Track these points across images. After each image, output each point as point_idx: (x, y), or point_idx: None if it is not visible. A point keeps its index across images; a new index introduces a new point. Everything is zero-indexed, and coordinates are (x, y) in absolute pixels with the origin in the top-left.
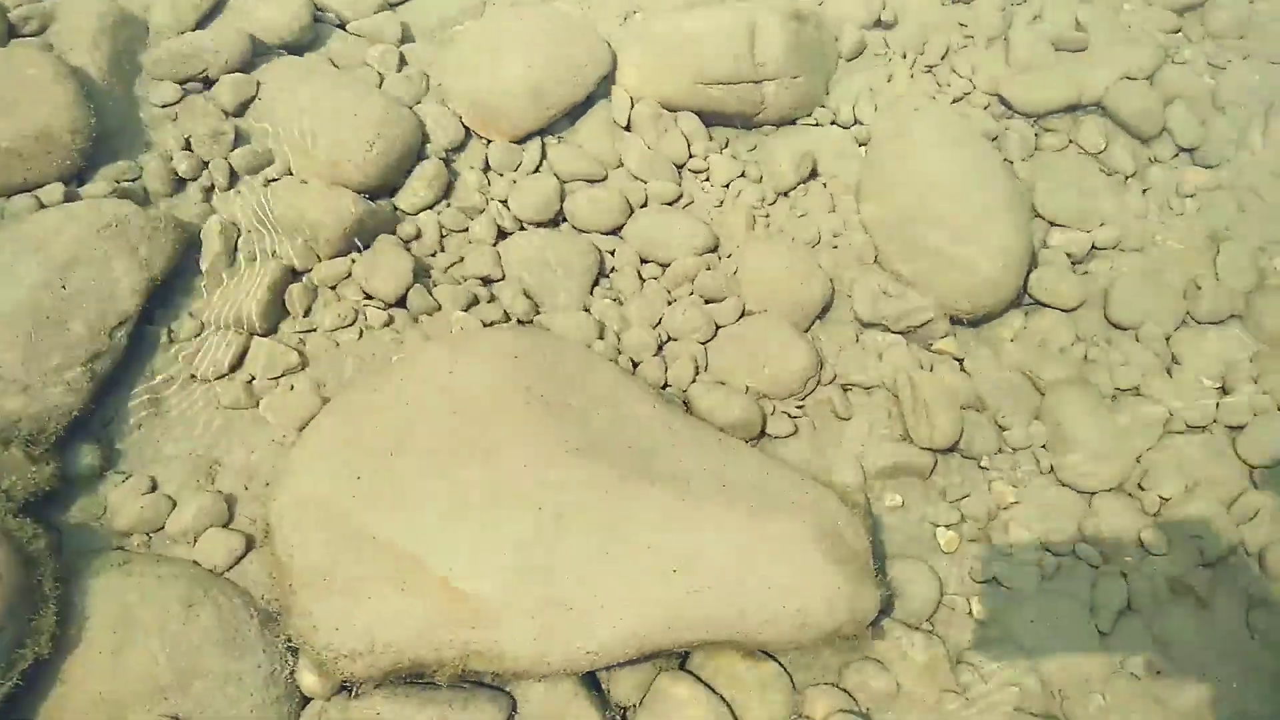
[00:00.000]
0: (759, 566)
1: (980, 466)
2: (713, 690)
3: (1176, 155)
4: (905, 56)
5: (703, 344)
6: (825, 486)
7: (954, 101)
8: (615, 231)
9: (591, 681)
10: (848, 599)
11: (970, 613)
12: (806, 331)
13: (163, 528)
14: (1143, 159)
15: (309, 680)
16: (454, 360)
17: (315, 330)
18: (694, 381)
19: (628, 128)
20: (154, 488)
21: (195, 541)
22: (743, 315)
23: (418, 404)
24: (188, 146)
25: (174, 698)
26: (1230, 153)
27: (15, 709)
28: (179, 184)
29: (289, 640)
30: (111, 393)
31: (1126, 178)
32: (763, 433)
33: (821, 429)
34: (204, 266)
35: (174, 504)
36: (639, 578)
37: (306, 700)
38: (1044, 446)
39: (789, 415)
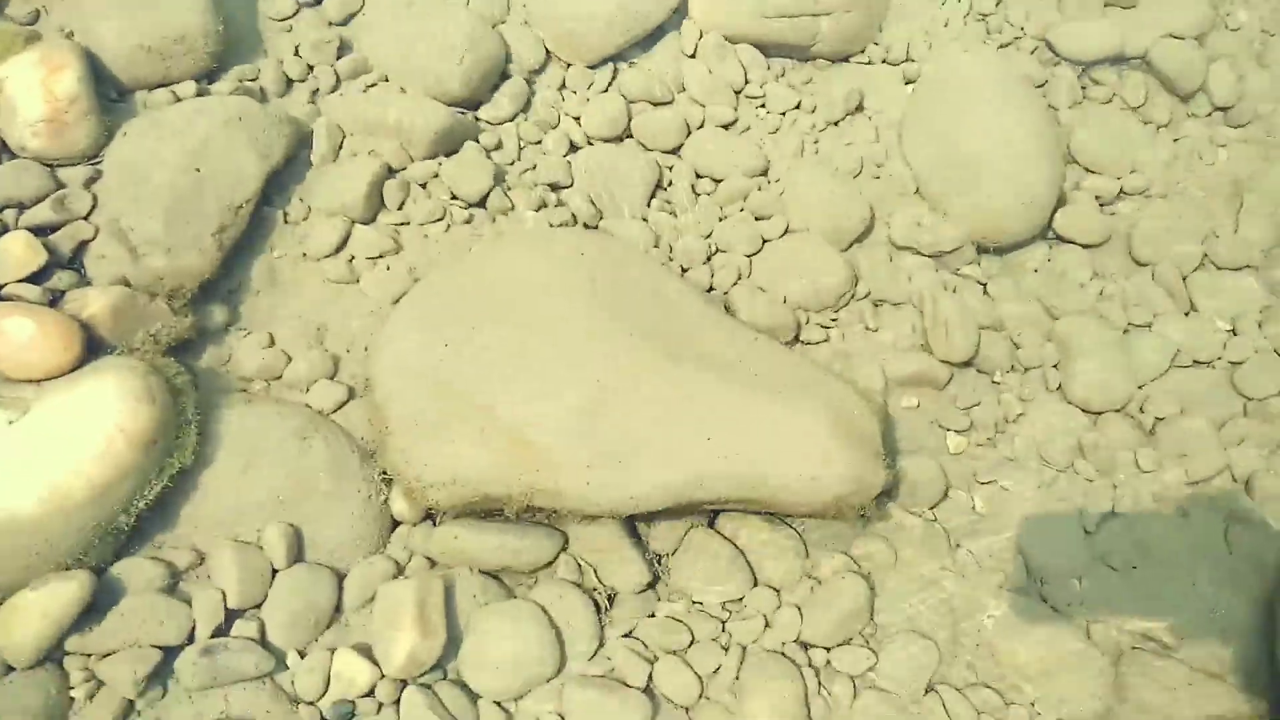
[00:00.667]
0: (780, 439)
1: (993, 381)
2: (735, 546)
3: (1211, 114)
4: (960, 0)
5: (749, 256)
6: (845, 382)
7: (1002, 47)
8: (675, 150)
9: (632, 531)
10: (856, 471)
11: (973, 507)
12: (845, 252)
13: (280, 376)
14: (1180, 114)
15: (399, 506)
16: (529, 252)
17: (408, 223)
18: (735, 285)
19: (693, 56)
20: (272, 343)
21: (307, 390)
22: (786, 232)
23: (496, 287)
24: (298, 53)
25: (289, 510)
26: (1264, 111)
27: (165, 506)
28: (289, 85)
29: (384, 473)
30: (236, 262)
31: (1159, 128)
32: (797, 338)
33: (850, 338)
34: (314, 160)
35: (288, 358)
36: (677, 440)
37: (396, 525)
38: (1055, 367)
39: (822, 325)
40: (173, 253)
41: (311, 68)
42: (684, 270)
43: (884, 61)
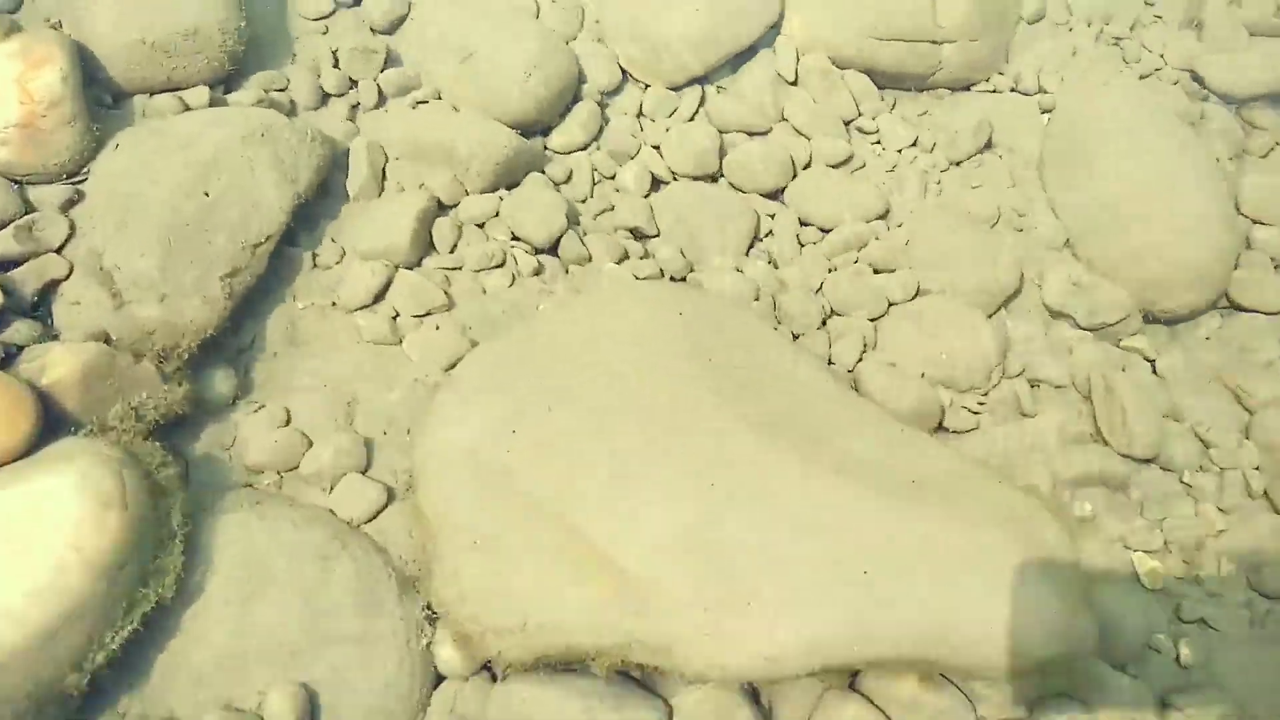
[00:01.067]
0: (963, 578)
1: (1182, 482)
2: (888, 717)
3: None
4: (1090, 25)
5: (872, 320)
6: (1029, 493)
7: (1142, 78)
8: (776, 194)
9: (752, 696)
10: (1065, 625)
11: (1177, 657)
12: (990, 318)
13: (297, 467)
14: None
15: (447, 655)
16: (615, 312)
17: (461, 269)
18: (861, 360)
19: (794, 82)
20: (288, 421)
21: (331, 488)
22: (917, 294)
23: (576, 355)
24: (336, 63)
25: (303, 663)
26: None
27: (133, 657)
28: (324, 99)
29: (428, 607)
30: (249, 315)
31: None
32: (940, 425)
33: (1004, 426)
34: (351, 190)
35: (309, 442)
36: (825, 576)
37: (441, 678)
38: (1257, 469)
39: (969, 410)
40: (169, 300)
41: (354, 82)
42: (795, 336)
43: (1013, 90)
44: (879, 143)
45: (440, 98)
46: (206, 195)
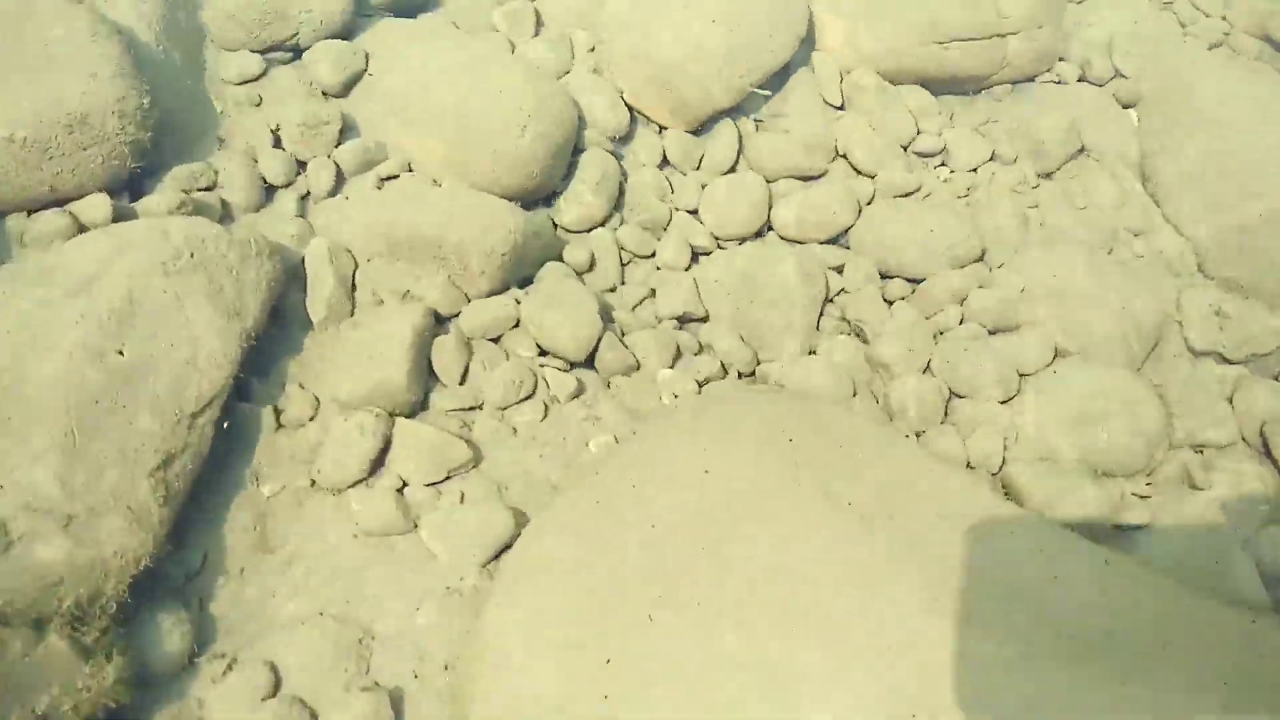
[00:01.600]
0: None
1: None
2: None
3: None
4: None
5: (1004, 402)
6: None
7: (1212, 47)
8: (837, 239)
9: None
10: None
11: None
12: (1139, 372)
13: None
14: None
15: None
16: (705, 448)
17: (481, 406)
18: (1005, 462)
19: (840, 106)
20: (276, 685)
21: None
22: (1055, 356)
23: (664, 523)
24: (278, 141)
25: None
26: None
27: None
28: (269, 192)
29: None
30: (196, 518)
31: None
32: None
33: (1178, 509)
34: (314, 313)
35: (312, 714)
36: None
37: None
38: None
39: (1137, 495)
40: (79, 526)
41: (303, 165)
42: (918, 435)
43: (1081, 80)
44: (944, 164)
45: (410, 169)
46: (121, 354)
